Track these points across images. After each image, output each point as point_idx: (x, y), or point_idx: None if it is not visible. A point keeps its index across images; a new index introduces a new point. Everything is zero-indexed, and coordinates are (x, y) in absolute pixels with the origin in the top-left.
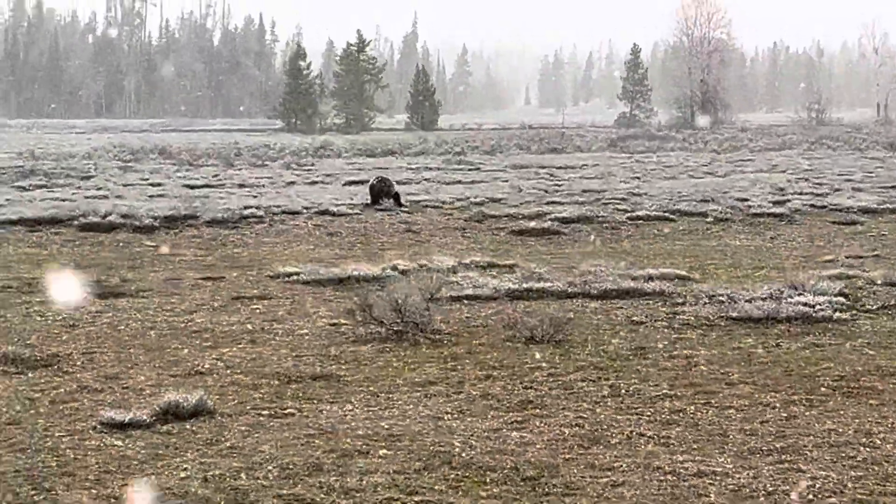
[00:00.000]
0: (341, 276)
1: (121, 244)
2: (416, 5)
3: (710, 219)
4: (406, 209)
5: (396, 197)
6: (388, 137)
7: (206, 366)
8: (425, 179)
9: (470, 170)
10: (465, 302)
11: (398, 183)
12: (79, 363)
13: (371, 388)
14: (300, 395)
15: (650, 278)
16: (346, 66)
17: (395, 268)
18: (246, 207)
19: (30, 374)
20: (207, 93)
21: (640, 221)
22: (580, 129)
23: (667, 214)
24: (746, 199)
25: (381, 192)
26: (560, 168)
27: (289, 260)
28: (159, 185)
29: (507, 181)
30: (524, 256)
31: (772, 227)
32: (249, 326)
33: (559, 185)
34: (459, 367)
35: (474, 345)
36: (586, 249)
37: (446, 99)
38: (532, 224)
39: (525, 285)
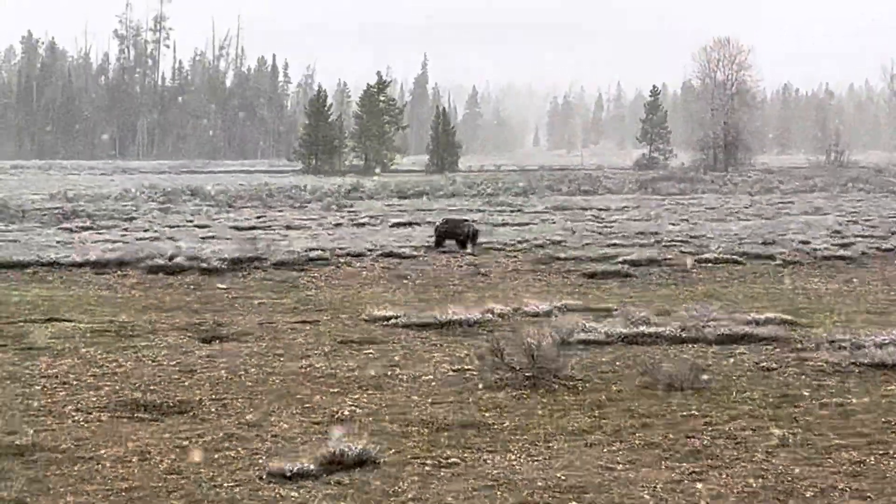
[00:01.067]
0: (442, 320)
1: (192, 287)
2: (424, 47)
3: (778, 262)
4: (469, 251)
5: (469, 238)
6: (413, 179)
7: (346, 413)
8: (473, 221)
9: (512, 211)
10: (581, 347)
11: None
12: (213, 410)
13: (525, 437)
14: (455, 443)
15: (758, 323)
16: (365, 108)
17: (491, 311)
18: (310, 250)
19: (167, 421)
20: (221, 134)
21: (709, 264)
22: (601, 170)
23: (734, 257)
24: (808, 242)
25: (448, 233)
26: (602, 210)
27: (366, 303)
28: (206, 226)
29: (555, 223)
30: (605, 300)
31: (842, 270)
32: (372, 372)
33: (610, 227)
34: (608, 415)
35: (613, 391)
36: (664, 293)
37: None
38: (602, 267)
39: (637, 329)
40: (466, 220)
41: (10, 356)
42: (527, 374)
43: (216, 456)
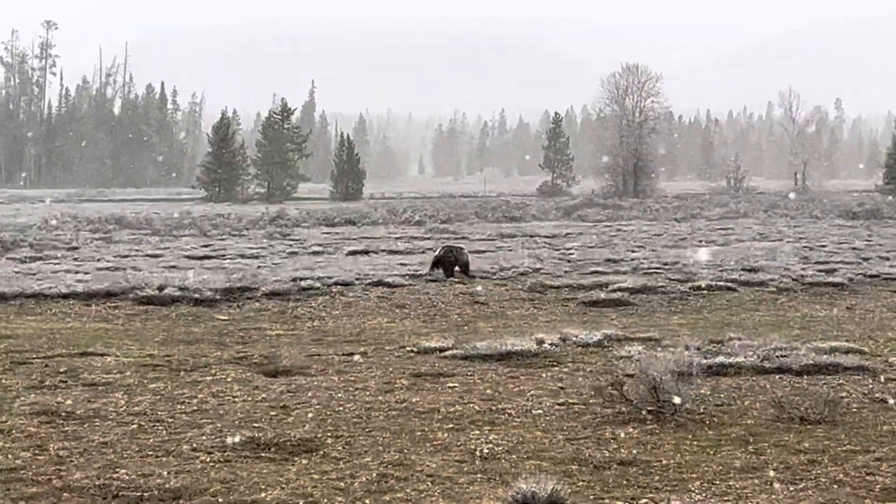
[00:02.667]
0: (501, 351)
1: (191, 318)
2: (309, 74)
3: (771, 288)
4: (457, 280)
5: (464, 267)
6: (325, 207)
7: (484, 450)
8: (429, 249)
9: (457, 239)
10: (670, 378)
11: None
12: (339, 448)
13: (694, 475)
14: (628, 482)
15: (831, 351)
16: (269, 135)
17: (542, 342)
18: (300, 279)
19: (301, 461)
20: (109, 163)
21: (704, 291)
22: (505, 196)
23: (728, 284)
24: (788, 269)
25: (451, 262)
26: (550, 237)
27: (400, 334)
28: (158, 255)
29: (511, 250)
30: (620, 327)
31: (837, 296)
32: (476, 407)
33: (571, 254)
34: (763, 450)
35: (748, 425)
36: (676, 321)
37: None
38: (601, 295)
39: (714, 360)
40: (462, 248)
41: (78, 392)
42: (648, 409)
43: (387, 498)
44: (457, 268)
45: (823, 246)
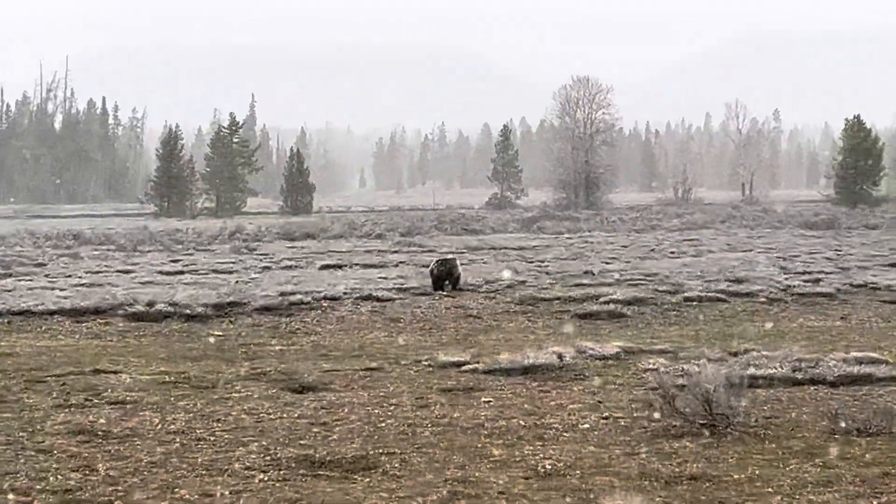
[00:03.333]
0: (524, 364)
1: (184, 334)
2: (246, 89)
3: (761, 299)
4: (445, 293)
5: (455, 280)
6: (280, 221)
7: (546, 466)
8: (401, 262)
9: (424, 252)
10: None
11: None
12: (394, 464)
13: (770, 489)
14: (706, 498)
15: (858, 362)
16: (218, 149)
17: (562, 356)
18: (288, 294)
19: (363, 480)
20: (50, 178)
21: (695, 303)
22: (454, 209)
23: (717, 295)
24: (774, 279)
25: (445, 274)
26: (519, 249)
27: (381, 347)
28: (129, 271)
29: (487, 262)
30: (625, 339)
31: (828, 307)
32: (520, 422)
33: (545, 267)
34: (831, 463)
35: (807, 438)
36: (675, 332)
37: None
38: (594, 307)
39: (747, 372)
40: (455, 261)
41: (107, 411)
42: (701, 422)
43: None
44: (446, 282)
45: (797, 256)
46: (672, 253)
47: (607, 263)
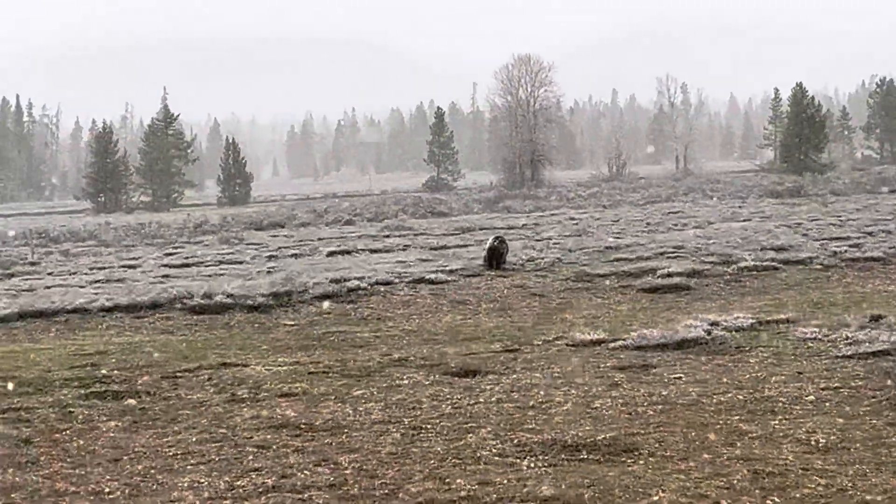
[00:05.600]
0: (676, 339)
1: (256, 324)
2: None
3: (816, 266)
4: (496, 273)
5: (502, 259)
6: (231, 211)
7: (821, 440)
8: (407, 246)
9: (416, 235)
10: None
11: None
12: (653, 446)
13: None
14: None
15: None
16: (151, 143)
17: (709, 329)
18: (339, 280)
19: (635, 462)
20: None
21: (754, 272)
22: (393, 194)
23: (771, 264)
24: (804, 246)
25: (502, 254)
26: (513, 229)
27: (476, 329)
28: (135, 266)
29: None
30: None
31: (885, 271)
32: (740, 397)
33: (560, 244)
34: None
35: None
36: (750, 301)
37: (203, 172)
38: (657, 281)
39: None
40: (505, 240)
41: (288, 403)
42: None
43: (806, 492)
44: (496, 261)
45: (799, 224)
46: (675, 226)
47: (620, 238)
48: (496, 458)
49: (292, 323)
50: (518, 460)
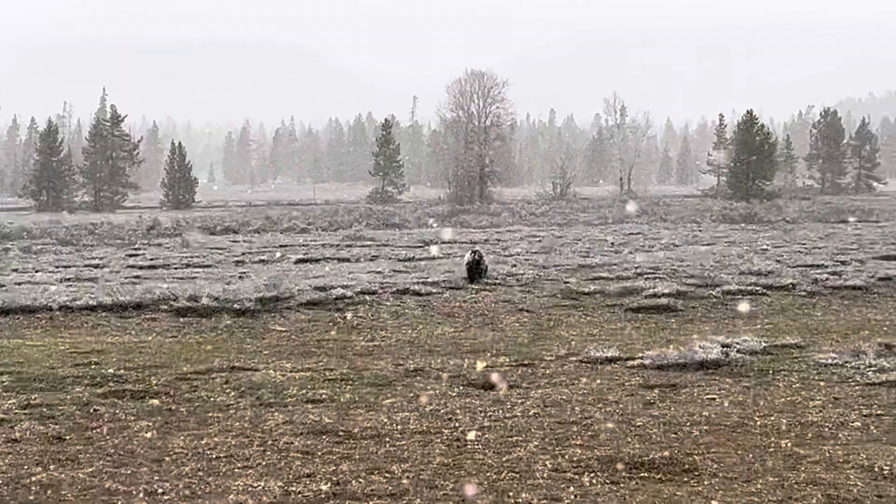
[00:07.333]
0: (696, 360)
1: (245, 329)
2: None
3: (801, 292)
4: (479, 287)
5: (483, 273)
6: (175, 216)
7: (884, 467)
8: (375, 256)
9: (380, 246)
10: None
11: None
12: (712, 467)
13: None
14: None
15: None
16: (96, 143)
17: (726, 352)
18: (324, 288)
19: (697, 483)
20: None
21: (738, 296)
22: (338, 204)
23: (754, 289)
24: (782, 272)
25: (481, 268)
26: (477, 244)
27: (474, 343)
28: (101, 266)
29: (460, 257)
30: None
31: (870, 300)
32: (782, 420)
33: (530, 260)
34: None
35: None
36: (742, 325)
37: (141, 178)
38: (644, 301)
39: None
40: (482, 253)
41: (317, 410)
42: None
43: None
44: (478, 274)
45: (765, 250)
46: (642, 247)
47: (588, 257)
48: (554, 474)
49: (283, 329)
50: (577, 476)
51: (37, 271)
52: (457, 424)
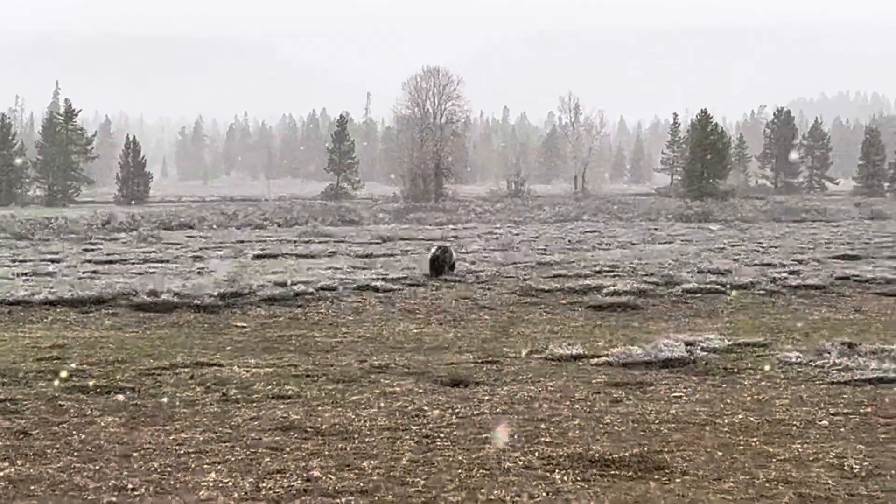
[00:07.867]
0: (661, 357)
1: (206, 325)
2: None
3: (760, 291)
4: (439, 283)
5: (450, 268)
6: (133, 210)
7: (854, 466)
8: (333, 252)
9: (337, 242)
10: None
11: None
12: (682, 465)
13: None
14: None
15: None
16: (50, 137)
17: (690, 349)
18: (286, 284)
19: (670, 481)
20: None
21: (698, 294)
22: (294, 200)
23: (714, 287)
24: (741, 270)
25: (445, 263)
26: (433, 240)
27: (434, 340)
28: (58, 261)
29: (417, 254)
30: (673, 330)
31: (828, 300)
32: (750, 418)
33: (490, 258)
34: None
35: None
36: (703, 323)
37: (94, 172)
38: (604, 298)
39: None
40: (450, 249)
41: (283, 406)
42: None
43: None
44: (443, 270)
45: (722, 249)
46: (599, 244)
47: (546, 255)
48: (525, 471)
49: (244, 325)
50: (549, 474)
51: None
52: (425, 421)
